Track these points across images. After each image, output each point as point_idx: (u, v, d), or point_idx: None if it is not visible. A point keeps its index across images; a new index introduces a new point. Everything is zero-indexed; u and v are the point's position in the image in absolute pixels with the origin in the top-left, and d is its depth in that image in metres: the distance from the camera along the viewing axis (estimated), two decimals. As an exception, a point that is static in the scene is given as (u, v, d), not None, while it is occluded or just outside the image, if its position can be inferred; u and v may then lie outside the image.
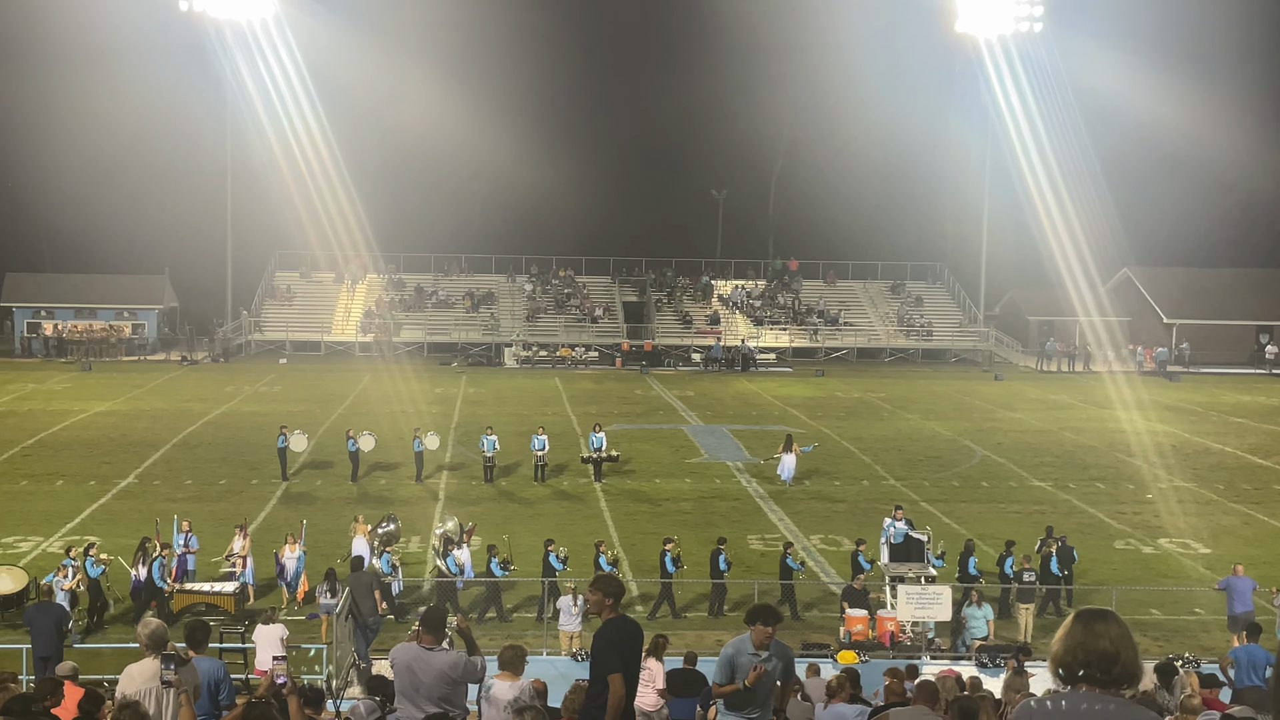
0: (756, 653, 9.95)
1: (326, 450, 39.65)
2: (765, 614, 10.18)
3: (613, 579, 9.48)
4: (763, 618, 10.10)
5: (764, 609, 10.34)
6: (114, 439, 42.26)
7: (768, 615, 10.18)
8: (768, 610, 10.32)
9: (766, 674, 9.99)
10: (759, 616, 10.12)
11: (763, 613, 10.20)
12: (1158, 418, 51.35)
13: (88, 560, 23.19)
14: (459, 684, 9.09)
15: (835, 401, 55.88)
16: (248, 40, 72.19)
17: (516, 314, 77.52)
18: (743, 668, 9.94)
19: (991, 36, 74.84)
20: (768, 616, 10.14)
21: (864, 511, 32.58)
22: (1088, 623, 4.41)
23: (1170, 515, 33.25)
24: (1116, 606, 23.02)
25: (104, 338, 70.95)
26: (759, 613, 10.19)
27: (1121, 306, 77.92)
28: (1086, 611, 4.54)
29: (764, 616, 10.13)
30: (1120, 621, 4.50)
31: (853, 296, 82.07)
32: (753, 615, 10.19)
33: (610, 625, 8.97)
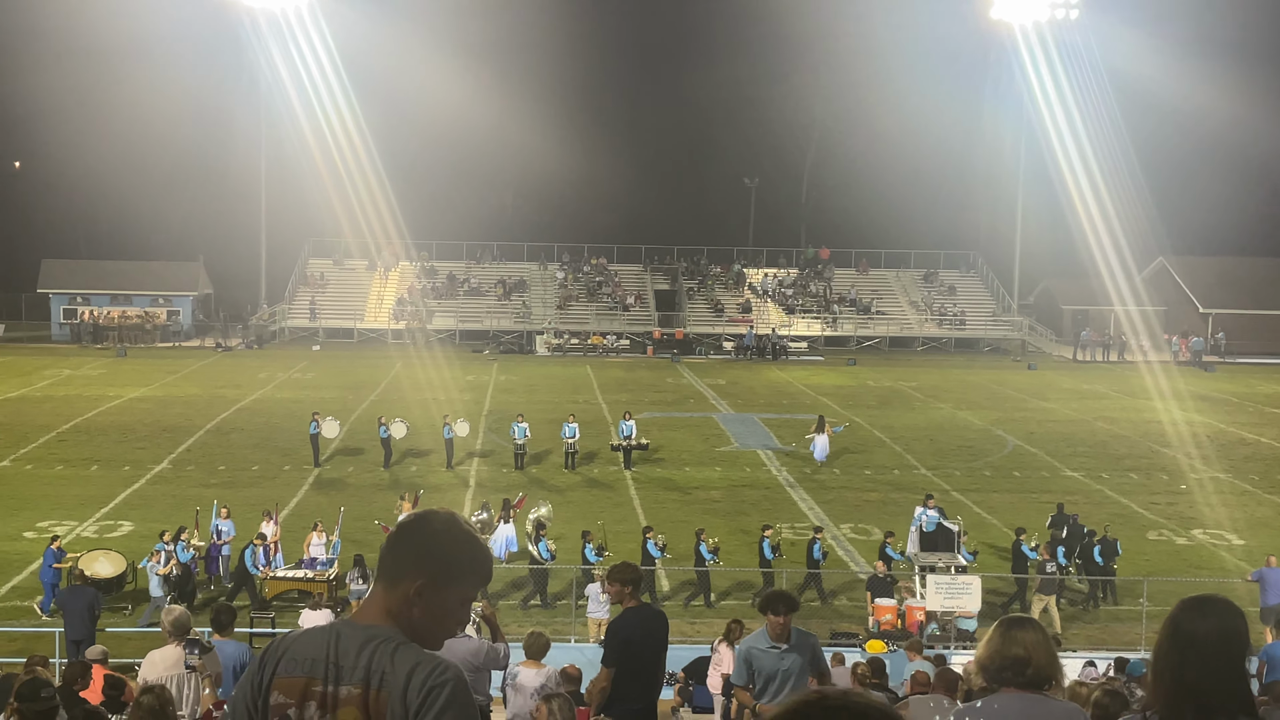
0: (775, 645, 9.09)
1: (358, 437, 39.81)
2: (777, 602, 9.25)
3: (629, 566, 9.42)
4: (773, 606, 9.20)
5: (775, 596, 9.41)
6: (148, 424, 42.56)
7: (779, 603, 9.23)
8: (779, 597, 9.38)
9: (783, 672, 9.09)
10: (770, 605, 9.24)
11: (774, 601, 9.29)
12: (1193, 408, 50.95)
13: (179, 545, 23.43)
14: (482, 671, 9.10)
15: (867, 390, 55.69)
16: (281, 28, 72.53)
17: (548, 302, 77.59)
18: (762, 666, 9.09)
19: (1027, 23, 74.36)
20: (778, 604, 9.20)
21: (895, 501, 32.47)
22: (1006, 630, 4.73)
23: (1205, 506, 32.99)
24: (1149, 597, 22.98)
25: (139, 324, 71.43)
26: (770, 601, 9.31)
27: (1157, 296, 77.32)
28: (1007, 619, 4.84)
29: (774, 604, 9.22)
30: (1038, 627, 4.79)
31: (885, 285, 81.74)
32: (764, 604, 9.34)
33: (626, 616, 8.91)
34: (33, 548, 26.88)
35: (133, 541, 27.39)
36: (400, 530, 3.55)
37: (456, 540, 3.50)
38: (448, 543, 3.48)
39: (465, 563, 3.49)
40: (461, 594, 3.52)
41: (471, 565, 3.51)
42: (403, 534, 3.52)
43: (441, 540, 3.48)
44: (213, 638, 9.54)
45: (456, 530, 3.54)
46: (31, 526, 28.65)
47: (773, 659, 9.07)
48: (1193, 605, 4.01)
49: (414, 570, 3.45)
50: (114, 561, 23.72)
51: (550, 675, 10.46)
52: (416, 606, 3.45)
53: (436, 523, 3.55)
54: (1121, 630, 23.14)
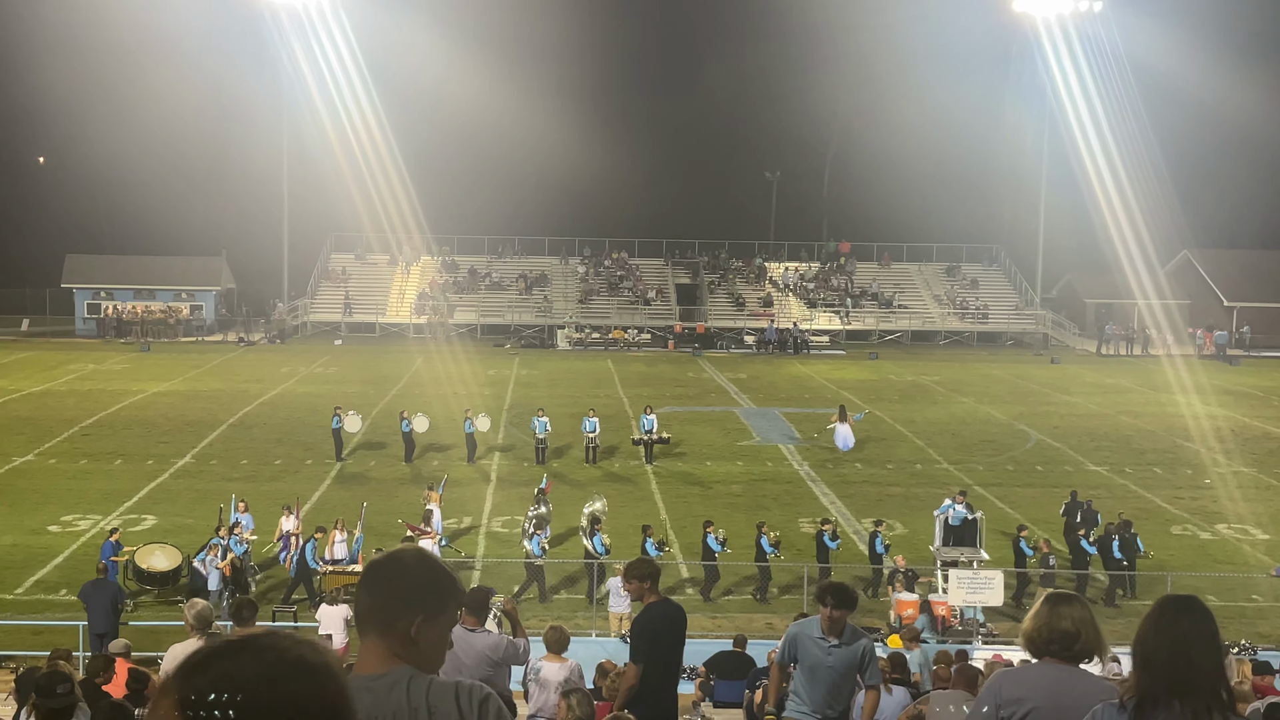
0: (824, 637, 8.68)
1: (380, 431, 39.91)
2: (834, 594, 8.74)
3: (645, 561, 9.39)
4: (823, 597, 8.76)
5: (833, 588, 8.84)
6: (171, 419, 42.75)
7: (836, 596, 8.70)
8: (830, 590, 8.81)
9: (827, 668, 8.70)
10: (820, 596, 8.80)
11: (832, 592, 8.77)
12: (1217, 402, 50.67)
13: (233, 539, 23.59)
14: (501, 666, 9.10)
15: (889, 385, 55.56)
16: (304, 24, 72.67)
17: (569, 296, 77.63)
18: (807, 654, 8.69)
19: (1050, 16, 73.97)
20: (836, 597, 8.68)
21: (917, 496, 32.40)
22: (1054, 605, 4.93)
23: (1229, 501, 32.81)
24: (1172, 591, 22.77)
25: (162, 319, 71.74)
26: (821, 592, 8.86)
27: (1181, 289, 76.87)
28: (1054, 594, 5.05)
29: (824, 596, 8.77)
30: (1084, 604, 5.01)
31: (907, 279, 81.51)
32: (821, 593, 8.87)
33: (650, 611, 8.90)
34: (56, 542, 27.05)
35: (156, 536, 27.50)
36: (380, 576, 3.66)
37: (436, 572, 3.67)
38: (431, 577, 3.64)
39: (450, 592, 3.67)
40: (450, 620, 3.71)
41: (453, 593, 3.69)
42: (385, 579, 3.64)
43: (425, 576, 3.64)
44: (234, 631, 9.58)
45: (432, 563, 3.73)
46: (56, 520, 28.81)
47: (819, 650, 8.67)
48: (1182, 604, 4.28)
49: (408, 610, 3.57)
50: (169, 555, 23.87)
51: (573, 669, 10.46)
52: (419, 642, 3.59)
53: (411, 562, 3.71)
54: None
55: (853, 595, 8.76)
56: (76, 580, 22.43)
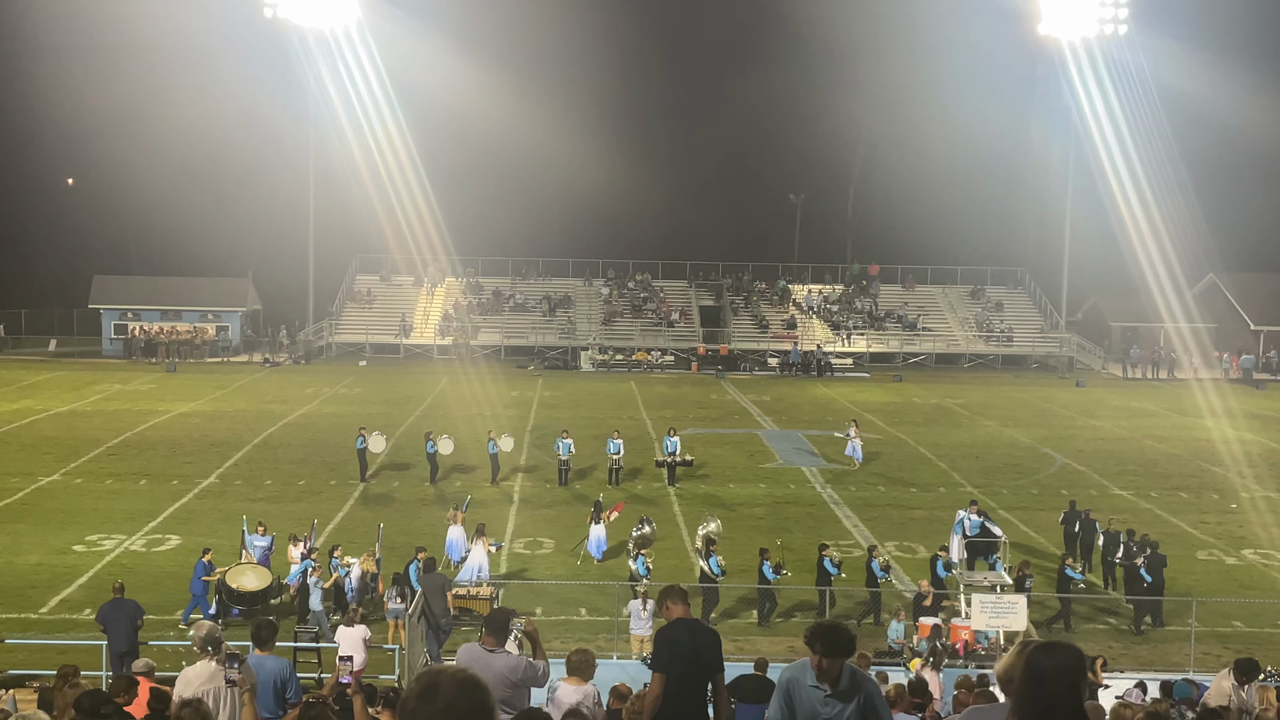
0: (819, 685, 7.26)
1: (404, 452, 40.00)
2: (823, 639, 7.21)
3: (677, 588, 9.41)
4: (810, 642, 7.24)
5: (823, 631, 7.28)
6: (196, 439, 42.94)
7: (826, 641, 7.19)
8: (826, 634, 7.24)
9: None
10: (814, 642, 7.25)
11: (821, 637, 7.23)
12: (1244, 426, 50.36)
13: (332, 560, 23.76)
14: (519, 687, 9.09)
15: (913, 407, 55.39)
16: (330, 46, 73.16)
17: (593, 318, 77.73)
18: (804, 704, 7.29)
19: (1075, 39, 73.83)
20: (826, 643, 7.19)
21: (940, 519, 32.22)
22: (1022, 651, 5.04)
23: (1255, 525, 32.58)
24: (1197, 617, 22.67)
25: (188, 339, 72.15)
26: (815, 636, 7.26)
27: (1208, 313, 76.48)
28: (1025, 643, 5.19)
29: (811, 641, 7.24)
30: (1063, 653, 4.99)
31: (931, 301, 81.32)
32: (809, 638, 7.31)
33: (675, 624, 8.92)
34: (81, 561, 27.18)
35: (180, 555, 27.63)
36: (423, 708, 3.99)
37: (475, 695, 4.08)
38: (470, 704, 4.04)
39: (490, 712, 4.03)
40: None
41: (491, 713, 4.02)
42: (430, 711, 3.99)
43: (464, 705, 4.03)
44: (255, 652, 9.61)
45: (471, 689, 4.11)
46: (81, 540, 28.95)
47: (815, 701, 7.29)
48: (1041, 647, 4.79)
49: None
50: (260, 575, 24.00)
51: (589, 695, 10.43)
52: None
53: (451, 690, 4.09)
54: (1170, 651, 22.86)
55: (845, 639, 7.24)
56: (101, 600, 22.48)
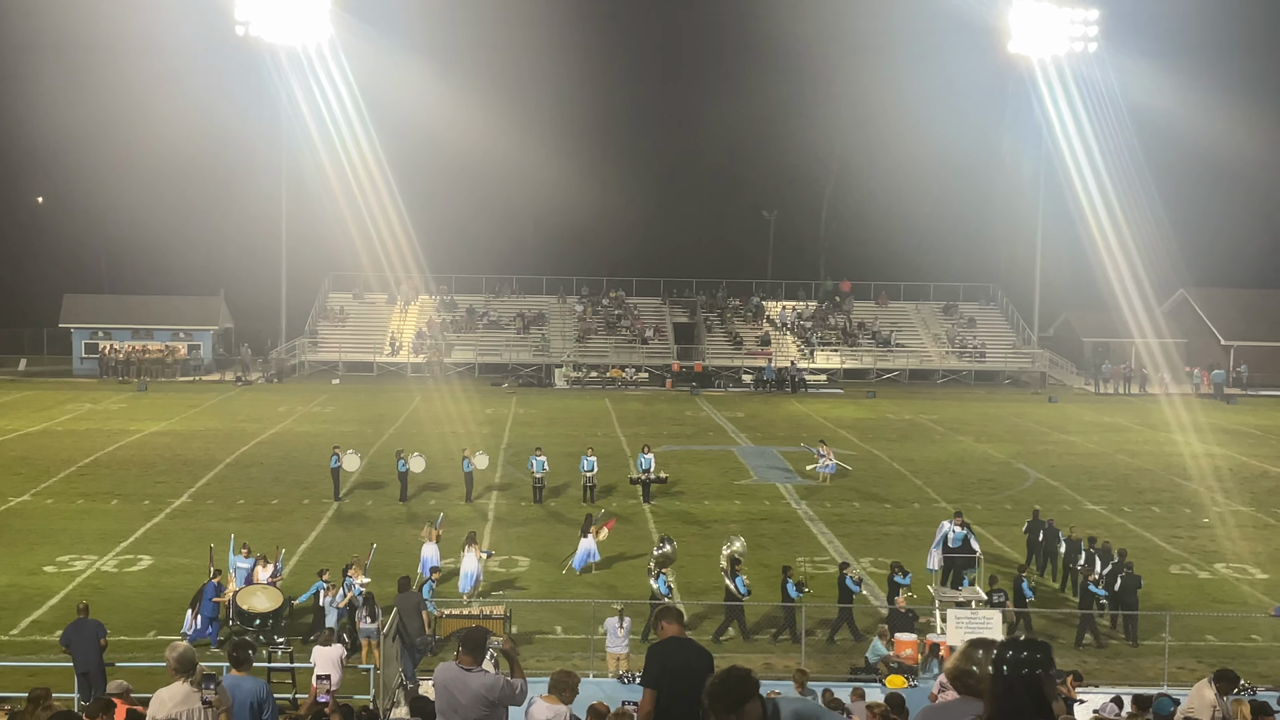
0: None
1: (378, 470, 39.86)
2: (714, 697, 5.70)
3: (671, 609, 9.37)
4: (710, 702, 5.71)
5: (713, 688, 5.73)
6: (168, 458, 42.68)
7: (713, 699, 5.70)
8: (714, 692, 5.71)
9: None
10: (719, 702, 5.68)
11: (710, 694, 5.72)
12: (1215, 440, 50.69)
13: (346, 579, 23.62)
14: (496, 706, 9.05)
15: (886, 423, 55.54)
16: (302, 64, 73.05)
17: (567, 335, 77.72)
18: None
19: (1045, 56, 74.41)
20: (714, 701, 5.69)
21: (915, 535, 32.31)
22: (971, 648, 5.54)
23: (1227, 540, 32.75)
24: (1171, 632, 22.75)
25: (160, 358, 71.78)
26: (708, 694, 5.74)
27: (1178, 328, 77.05)
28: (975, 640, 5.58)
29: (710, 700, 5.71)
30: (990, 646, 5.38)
31: (904, 318, 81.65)
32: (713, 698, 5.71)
33: (666, 641, 8.87)
34: (52, 582, 26.96)
35: (152, 576, 27.44)
36: None
37: None
38: None
39: None
40: None
41: None
42: None
43: None
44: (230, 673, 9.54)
45: None
46: (52, 561, 28.71)
47: None
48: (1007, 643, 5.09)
49: None
50: (271, 596, 23.84)
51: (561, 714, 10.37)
52: None
53: None
54: (1145, 665, 22.94)
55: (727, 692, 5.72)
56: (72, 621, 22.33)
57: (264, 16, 70.61)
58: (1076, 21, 73.09)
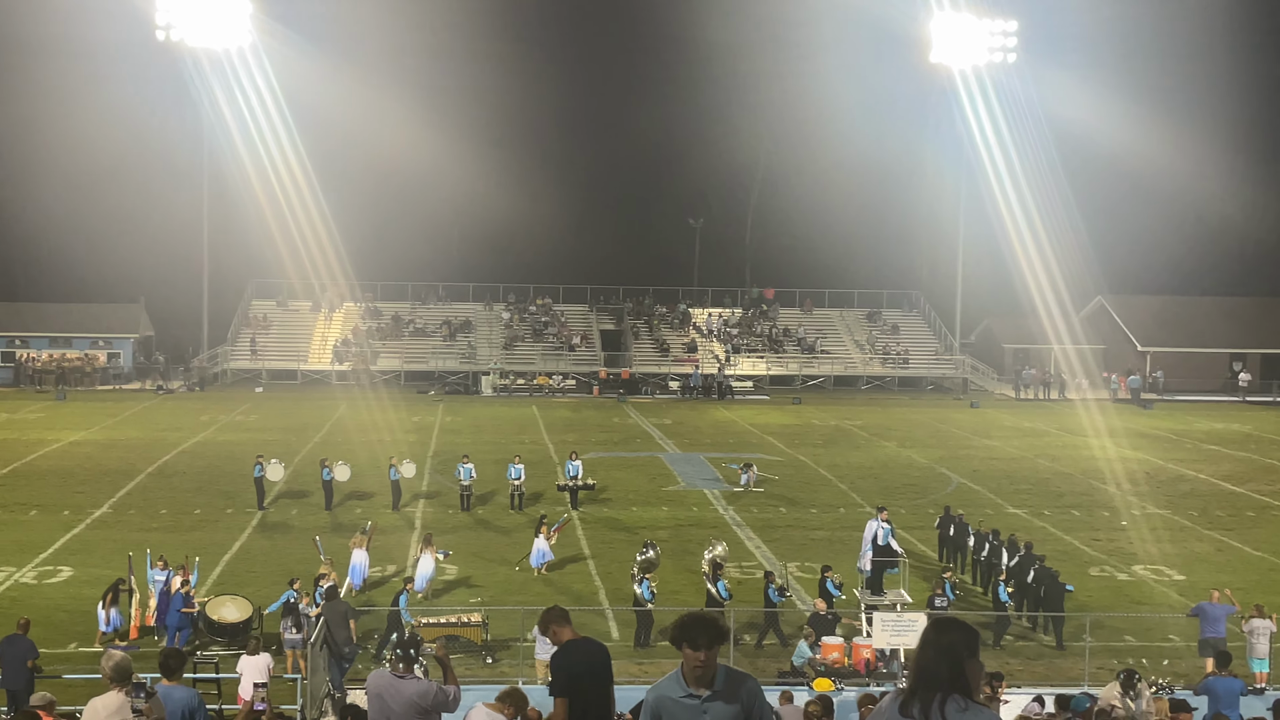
0: (693, 693, 6.42)
1: (302, 479, 39.52)
2: (696, 631, 6.43)
3: (557, 609, 9.23)
4: (690, 637, 6.42)
5: (694, 622, 6.49)
6: (88, 468, 42.04)
7: (698, 632, 6.42)
8: (699, 624, 6.47)
9: None
10: (686, 635, 6.44)
11: (691, 629, 6.44)
12: (1132, 445, 51.64)
13: (318, 589, 23.34)
14: (430, 713, 9.05)
15: (812, 429, 55.98)
16: (225, 69, 72.28)
17: (494, 342, 77.52)
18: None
19: (966, 67, 75.45)
20: (698, 634, 6.42)
21: (841, 540, 32.63)
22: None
23: (1144, 542, 33.39)
24: (1091, 633, 23.17)
25: (79, 366, 70.62)
26: (686, 629, 6.46)
27: (1095, 334, 78.39)
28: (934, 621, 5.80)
29: (693, 634, 6.42)
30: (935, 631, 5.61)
31: (829, 324, 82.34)
32: (679, 634, 6.48)
33: (566, 646, 8.79)
34: (-30, 594, 26.45)
35: (72, 588, 27.03)
36: None
37: None
38: None
39: None
40: None
41: None
42: None
43: None
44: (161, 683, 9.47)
45: None
46: (-32, 573, 28.17)
47: (690, 713, 6.44)
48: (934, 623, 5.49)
49: None
50: (240, 607, 23.59)
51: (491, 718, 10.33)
52: None
53: None
54: (1066, 666, 23.33)
55: (721, 627, 6.58)
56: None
57: (185, 21, 69.85)
58: (996, 33, 74.23)
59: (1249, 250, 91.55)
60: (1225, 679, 18.91)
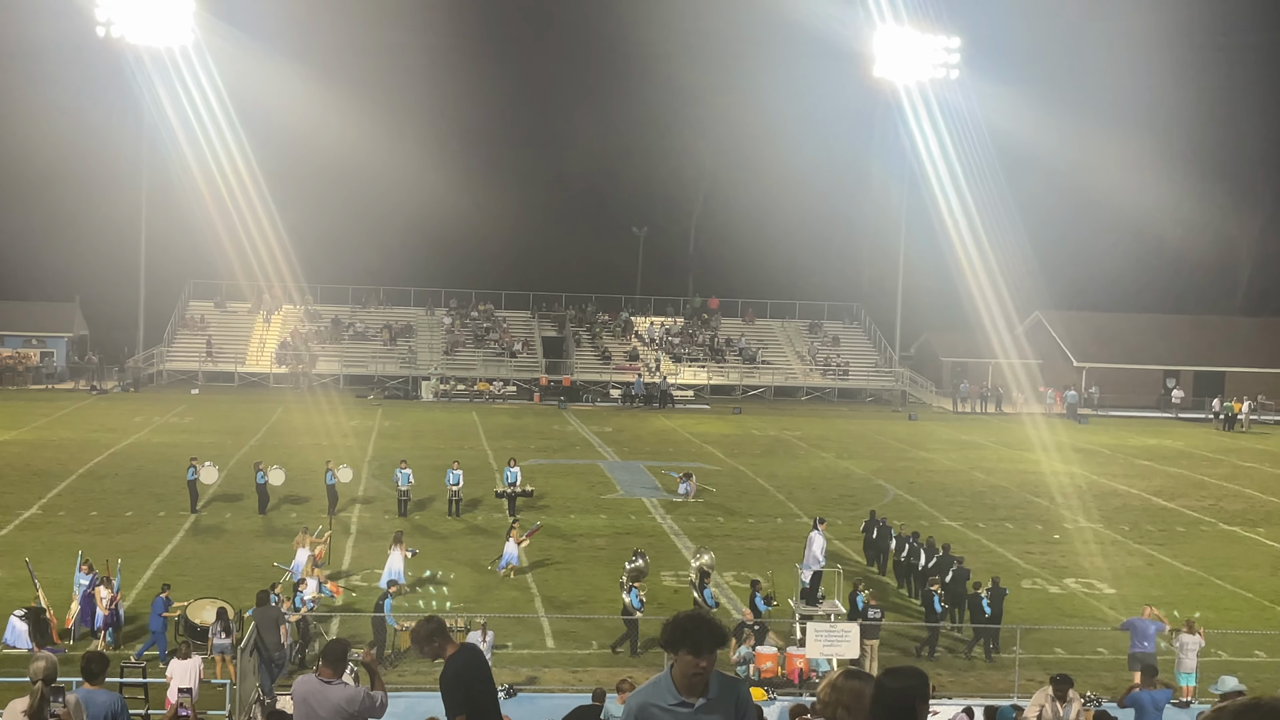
0: (685, 701, 5.93)
1: (237, 483, 39.12)
2: (701, 633, 5.93)
3: (432, 618, 8.94)
4: (695, 640, 5.90)
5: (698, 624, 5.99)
6: (18, 468, 41.39)
7: (705, 635, 5.93)
8: (704, 627, 5.97)
9: None
10: (689, 638, 5.92)
11: (697, 631, 5.94)
12: (1066, 459, 52.20)
13: (296, 595, 23.46)
14: (356, 718, 8.97)
15: (751, 439, 56.16)
16: (167, 67, 71.45)
17: (435, 347, 77.17)
18: None
19: (910, 82, 76.02)
20: (704, 637, 5.92)
21: (778, 550, 32.75)
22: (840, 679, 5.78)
23: (1076, 556, 33.75)
24: (1021, 645, 23.40)
25: (10, 365, 69.55)
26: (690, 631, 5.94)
27: (1034, 349, 79.20)
28: (845, 670, 5.93)
29: (698, 637, 5.91)
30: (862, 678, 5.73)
31: (770, 335, 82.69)
32: (679, 635, 5.94)
33: (454, 660, 8.55)
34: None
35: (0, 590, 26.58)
36: None
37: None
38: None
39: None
40: None
41: None
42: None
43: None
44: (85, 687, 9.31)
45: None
46: (-109, 573, 27.63)
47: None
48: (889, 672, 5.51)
49: None
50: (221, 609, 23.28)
51: None
52: None
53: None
54: (996, 678, 23.52)
55: (725, 632, 6.22)
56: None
57: (126, 18, 68.96)
58: (938, 48, 74.83)
59: (1184, 268, 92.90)
60: (1153, 690, 19.14)
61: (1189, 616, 24.57)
